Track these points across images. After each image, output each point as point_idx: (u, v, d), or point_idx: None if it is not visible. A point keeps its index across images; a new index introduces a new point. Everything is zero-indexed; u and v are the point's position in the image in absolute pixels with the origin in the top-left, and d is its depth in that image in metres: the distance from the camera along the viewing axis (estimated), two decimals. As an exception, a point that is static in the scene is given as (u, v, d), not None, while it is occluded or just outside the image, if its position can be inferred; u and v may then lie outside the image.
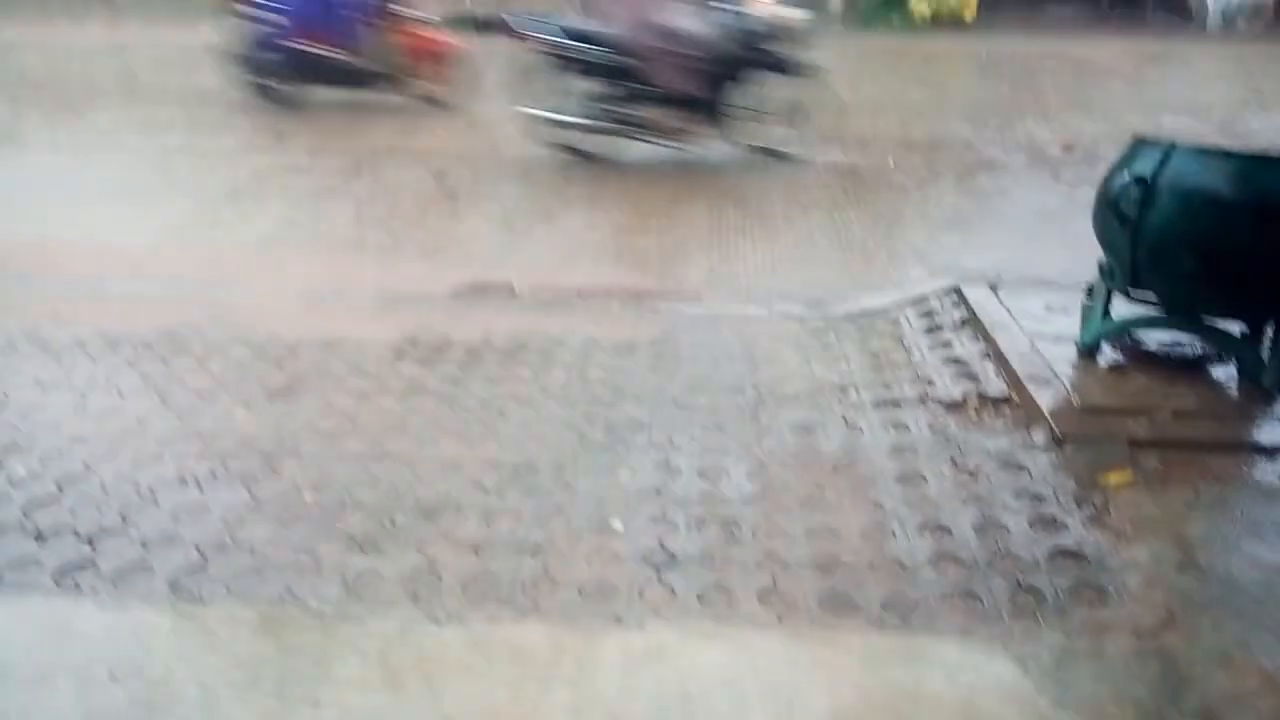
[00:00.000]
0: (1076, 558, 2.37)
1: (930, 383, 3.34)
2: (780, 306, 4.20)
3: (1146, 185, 2.93)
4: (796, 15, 6.74)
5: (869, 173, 6.60)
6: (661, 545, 2.42)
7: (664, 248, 5.18)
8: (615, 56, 6.57)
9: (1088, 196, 3.41)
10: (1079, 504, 2.60)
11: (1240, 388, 3.19)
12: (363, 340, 3.66)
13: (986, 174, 6.60)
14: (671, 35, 6.54)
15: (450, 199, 6.02)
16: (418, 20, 8.59)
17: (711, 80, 6.56)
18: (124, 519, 2.49)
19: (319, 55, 8.21)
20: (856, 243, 5.36)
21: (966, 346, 3.61)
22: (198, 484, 2.67)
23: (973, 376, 3.36)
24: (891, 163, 6.73)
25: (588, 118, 6.69)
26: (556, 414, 3.13)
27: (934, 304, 4.03)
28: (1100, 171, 3.36)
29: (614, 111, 6.69)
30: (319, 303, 4.14)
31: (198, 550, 2.37)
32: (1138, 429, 2.91)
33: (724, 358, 3.60)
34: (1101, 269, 3.32)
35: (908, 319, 3.96)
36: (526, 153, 6.86)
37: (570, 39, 6.61)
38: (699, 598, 2.23)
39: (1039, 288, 4.05)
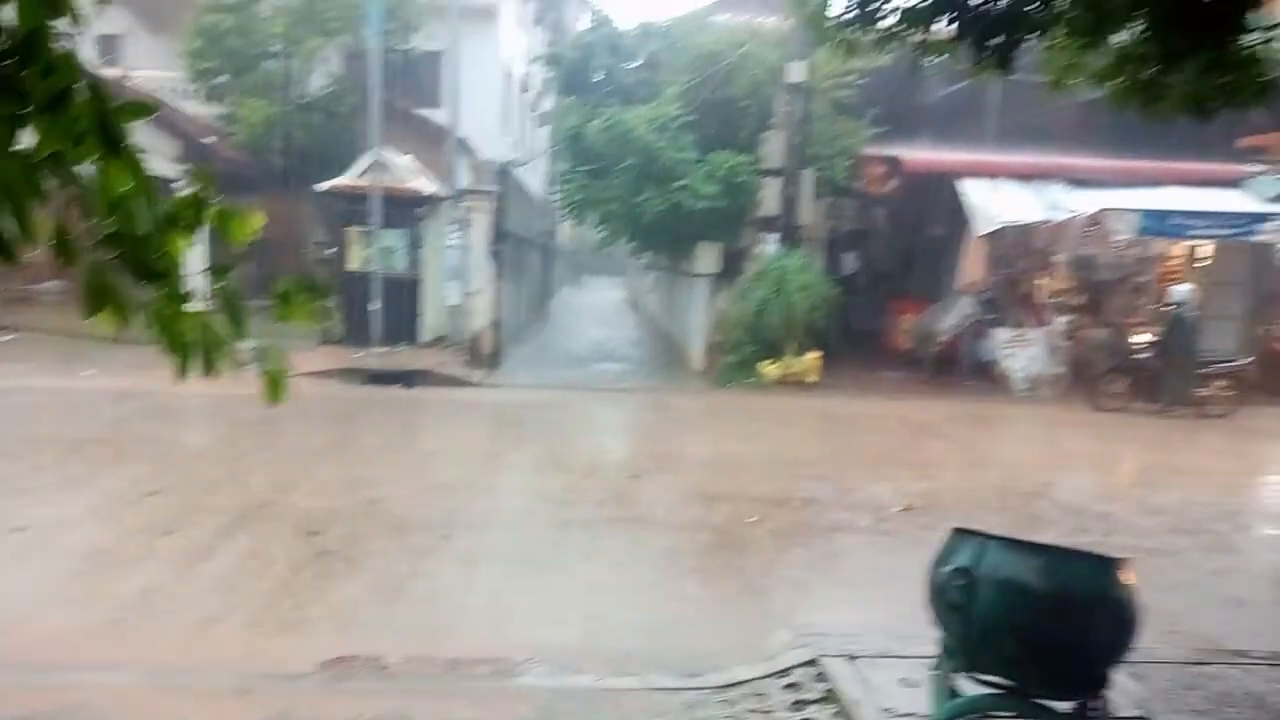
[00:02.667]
0: None
1: (800, 767, 3.43)
2: (653, 677, 4.28)
3: (969, 576, 3.33)
4: None
5: (726, 529, 7.01)
6: None
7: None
8: None
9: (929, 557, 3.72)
10: None
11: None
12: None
13: (837, 533, 7.13)
14: None
15: None
16: None
17: None
18: None
19: None
20: (718, 602, 5.59)
21: (830, 724, 3.76)
22: None
23: (838, 758, 3.47)
24: (750, 520, 7.20)
25: None
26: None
27: (798, 676, 4.21)
28: (938, 533, 3.75)
29: None
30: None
31: None
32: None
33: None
34: (944, 648, 3.62)
35: (774, 692, 4.11)
36: None
37: None
38: None
39: (894, 659, 4.31)
